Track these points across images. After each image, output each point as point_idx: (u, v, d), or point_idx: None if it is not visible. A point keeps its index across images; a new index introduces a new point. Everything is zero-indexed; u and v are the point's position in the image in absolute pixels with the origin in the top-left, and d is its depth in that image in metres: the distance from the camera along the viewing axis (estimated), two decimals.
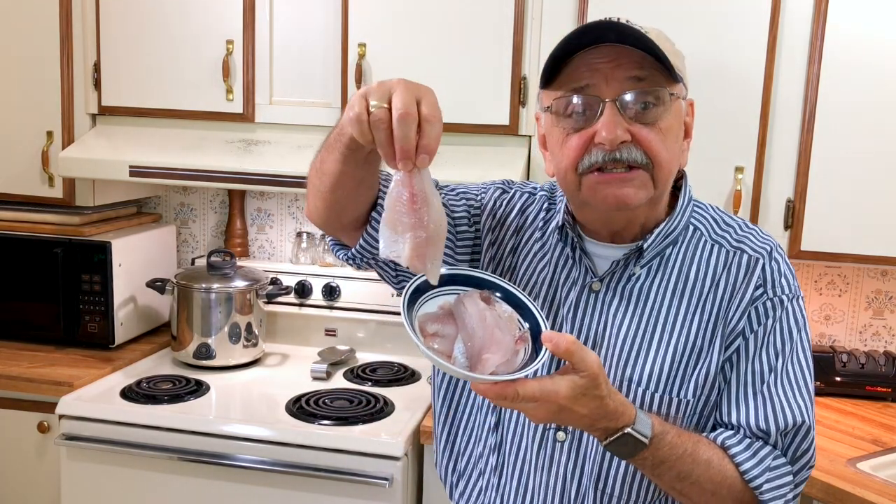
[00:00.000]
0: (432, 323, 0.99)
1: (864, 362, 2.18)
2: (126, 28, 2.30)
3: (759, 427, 1.10)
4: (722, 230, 1.18)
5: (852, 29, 1.94)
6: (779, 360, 1.12)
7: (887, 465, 1.82)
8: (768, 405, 1.10)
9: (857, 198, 1.99)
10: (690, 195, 1.20)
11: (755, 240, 1.17)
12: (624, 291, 1.15)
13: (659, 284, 1.14)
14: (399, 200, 0.95)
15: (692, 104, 1.16)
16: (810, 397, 1.14)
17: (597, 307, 1.15)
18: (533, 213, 1.25)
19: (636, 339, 1.13)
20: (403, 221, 0.94)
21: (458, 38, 2.11)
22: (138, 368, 2.30)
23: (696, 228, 1.17)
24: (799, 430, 1.11)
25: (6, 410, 2.15)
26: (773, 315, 1.12)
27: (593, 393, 0.95)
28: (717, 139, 2.00)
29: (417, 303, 1.01)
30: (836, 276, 2.38)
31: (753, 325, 1.12)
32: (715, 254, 1.15)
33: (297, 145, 2.22)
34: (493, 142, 2.13)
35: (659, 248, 1.14)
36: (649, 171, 1.06)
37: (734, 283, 1.13)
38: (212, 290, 2.31)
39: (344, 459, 1.86)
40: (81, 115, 2.35)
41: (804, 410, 1.11)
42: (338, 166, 1.04)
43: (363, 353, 2.48)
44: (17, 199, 2.41)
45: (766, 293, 1.13)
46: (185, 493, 1.96)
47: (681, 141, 1.13)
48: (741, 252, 1.15)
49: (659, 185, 1.08)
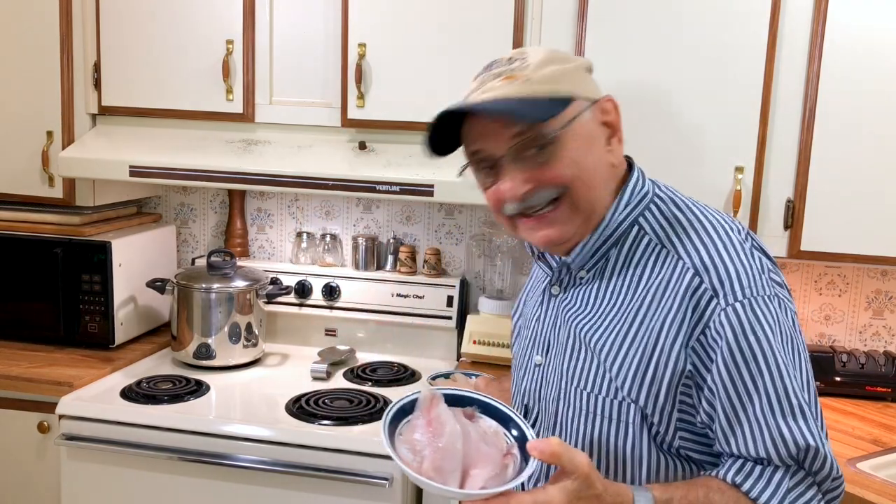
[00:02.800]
0: (416, 441, 1.00)
1: (863, 362, 2.18)
2: (126, 28, 2.30)
3: (761, 456, 1.03)
4: (669, 227, 1.12)
5: (852, 29, 1.94)
6: (755, 376, 1.02)
7: (887, 465, 1.82)
8: (763, 432, 1.02)
9: (857, 198, 1.99)
10: (641, 194, 1.15)
11: (699, 239, 1.09)
12: (575, 295, 1.18)
13: (602, 286, 1.15)
14: (415, 428, 1.01)
15: (610, 100, 1.14)
16: (812, 414, 1.03)
17: (553, 310, 1.21)
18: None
19: (578, 342, 1.15)
20: (421, 440, 0.99)
21: (458, 38, 2.11)
22: (138, 368, 2.30)
23: (640, 228, 1.14)
24: (811, 457, 1.02)
25: (6, 410, 2.15)
26: (731, 326, 1.02)
27: (588, 493, 0.94)
28: (717, 139, 2.01)
29: (402, 423, 1.03)
30: (836, 276, 2.38)
31: (717, 342, 1.03)
32: (654, 254, 1.11)
33: (297, 145, 2.22)
34: None
35: (599, 251, 1.15)
36: (569, 197, 1.10)
37: (666, 286, 1.08)
38: (212, 290, 2.31)
39: (344, 459, 1.86)
40: (81, 115, 2.35)
41: (805, 434, 1.02)
42: None
43: (363, 353, 2.48)
44: (17, 199, 2.41)
45: (718, 303, 1.03)
46: (185, 493, 1.96)
47: (600, 148, 1.12)
48: (677, 256, 1.09)
49: (582, 206, 1.11)
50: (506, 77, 1.09)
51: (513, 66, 1.10)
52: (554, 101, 1.07)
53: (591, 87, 1.14)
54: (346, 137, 2.23)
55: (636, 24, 2.01)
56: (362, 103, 2.17)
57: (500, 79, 1.09)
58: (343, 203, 2.63)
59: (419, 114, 2.14)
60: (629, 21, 2.01)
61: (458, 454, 0.96)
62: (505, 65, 1.11)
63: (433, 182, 2.06)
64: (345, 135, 2.24)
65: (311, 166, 2.15)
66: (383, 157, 2.16)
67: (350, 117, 2.19)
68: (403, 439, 1.00)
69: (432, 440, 0.98)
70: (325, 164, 2.15)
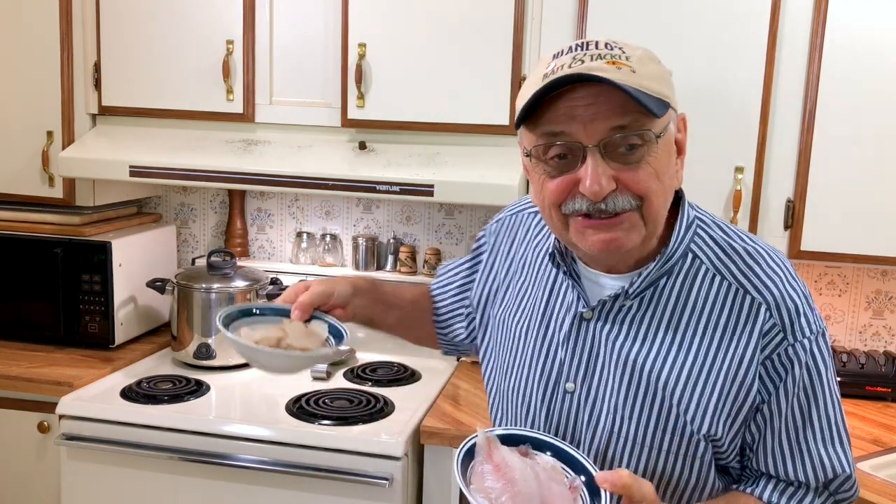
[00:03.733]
0: (490, 489, 0.99)
1: (864, 362, 2.18)
2: (126, 28, 2.30)
3: (799, 480, 1.08)
4: (726, 257, 1.09)
5: (852, 29, 1.94)
6: (811, 408, 1.07)
7: (887, 465, 1.82)
8: (806, 460, 1.08)
9: (857, 198, 1.99)
10: (690, 219, 1.11)
11: (763, 273, 1.07)
12: (615, 321, 1.10)
13: (651, 316, 1.08)
14: (484, 475, 0.99)
15: (684, 118, 1.07)
16: (847, 441, 1.10)
17: (588, 335, 1.12)
18: (522, 235, 1.27)
19: (625, 371, 1.08)
20: (495, 488, 0.97)
21: (458, 38, 2.11)
22: (138, 368, 2.30)
23: (695, 257, 1.09)
24: (840, 480, 1.09)
25: (6, 410, 2.15)
26: (798, 362, 1.05)
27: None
28: (717, 139, 2.01)
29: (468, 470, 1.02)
30: (836, 276, 2.38)
31: (781, 375, 1.05)
32: (716, 286, 1.07)
33: (297, 145, 2.22)
34: (492, 142, 2.13)
35: (651, 280, 1.08)
36: (639, 212, 1.01)
37: (738, 326, 1.06)
38: (212, 290, 2.31)
39: (344, 459, 1.86)
40: (81, 115, 2.35)
41: (843, 460, 1.08)
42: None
43: (363, 353, 2.48)
44: (17, 199, 2.41)
45: (786, 339, 1.05)
46: (185, 493, 1.96)
47: (673, 166, 1.04)
48: (744, 290, 1.06)
49: (650, 223, 1.02)
50: (610, 61, 0.97)
51: (613, 53, 0.98)
52: (660, 102, 0.98)
53: (676, 98, 1.05)
54: (346, 137, 2.24)
55: (636, 25, 2.01)
56: (362, 103, 2.17)
57: (603, 61, 0.97)
58: (343, 203, 2.63)
59: (419, 114, 2.15)
60: (629, 21, 2.01)
61: (536, 497, 0.96)
62: (603, 49, 0.99)
63: (433, 182, 2.06)
64: (345, 135, 2.24)
65: (311, 166, 2.15)
66: (383, 157, 2.16)
67: (350, 117, 2.19)
68: (476, 489, 0.97)
69: (507, 486, 0.96)
70: (325, 164, 2.15)
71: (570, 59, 0.99)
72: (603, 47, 0.99)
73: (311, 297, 1.16)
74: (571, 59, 0.99)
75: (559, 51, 1.02)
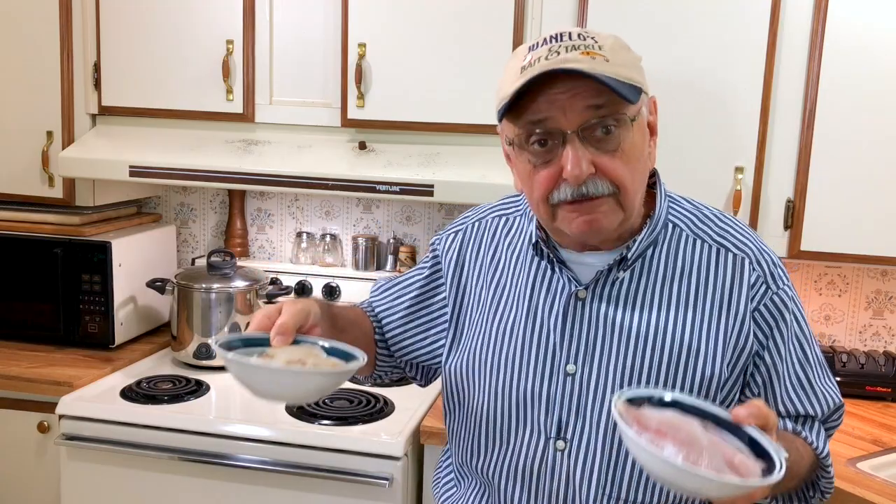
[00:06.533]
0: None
1: (863, 362, 2.18)
2: (126, 28, 2.30)
3: (808, 414, 1.18)
4: (702, 224, 1.18)
5: (852, 28, 1.94)
6: (806, 348, 1.18)
7: (887, 465, 1.82)
8: (811, 395, 1.18)
9: (857, 198, 1.99)
10: (665, 193, 1.20)
11: (736, 234, 1.18)
12: (611, 296, 1.15)
13: (644, 286, 1.15)
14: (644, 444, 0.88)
15: (654, 101, 1.15)
16: (833, 375, 1.24)
17: (585, 314, 1.15)
18: (488, 240, 1.28)
19: (629, 341, 1.13)
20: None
21: (458, 38, 2.11)
22: (138, 368, 2.30)
23: (675, 225, 1.18)
24: (838, 410, 1.22)
25: (6, 410, 2.16)
26: (786, 308, 1.15)
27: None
28: (717, 139, 2.01)
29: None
30: (836, 276, 2.38)
31: (777, 322, 1.14)
32: (699, 249, 1.16)
33: (297, 145, 2.22)
34: (492, 142, 2.12)
35: (640, 249, 1.15)
36: (616, 198, 1.08)
37: (725, 281, 1.14)
38: (212, 290, 2.31)
39: (344, 459, 1.86)
40: (81, 115, 2.35)
41: (837, 392, 1.22)
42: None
43: None
44: (17, 199, 2.41)
45: (770, 289, 1.14)
46: (185, 493, 1.96)
47: (647, 148, 1.12)
48: (724, 249, 1.16)
49: (627, 207, 1.10)
50: (584, 52, 1.04)
51: (587, 43, 1.05)
52: (634, 89, 1.06)
53: (647, 82, 1.12)
54: (346, 137, 2.24)
55: (636, 25, 2.01)
56: (362, 103, 2.17)
57: (577, 52, 1.04)
58: (343, 203, 2.63)
59: (419, 114, 2.14)
60: (629, 21, 2.01)
61: (717, 448, 0.89)
62: (577, 39, 1.06)
63: (433, 182, 2.06)
64: (345, 135, 2.24)
65: (311, 166, 2.15)
66: (383, 157, 2.16)
67: (350, 117, 2.19)
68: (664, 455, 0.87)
69: (682, 447, 0.87)
70: (325, 164, 2.15)
71: (546, 50, 1.05)
72: (577, 38, 1.06)
73: (291, 317, 1.05)
74: (547, 52, 1.05)
75: (534, 43, 1.09)
